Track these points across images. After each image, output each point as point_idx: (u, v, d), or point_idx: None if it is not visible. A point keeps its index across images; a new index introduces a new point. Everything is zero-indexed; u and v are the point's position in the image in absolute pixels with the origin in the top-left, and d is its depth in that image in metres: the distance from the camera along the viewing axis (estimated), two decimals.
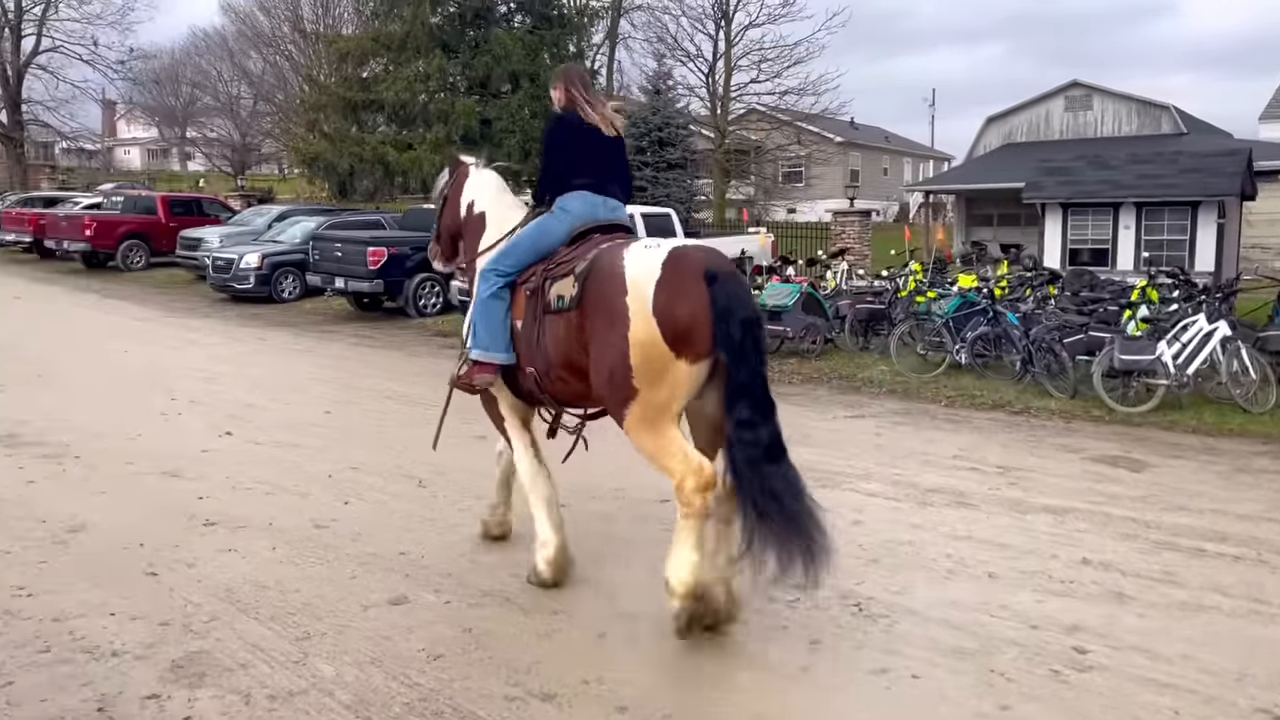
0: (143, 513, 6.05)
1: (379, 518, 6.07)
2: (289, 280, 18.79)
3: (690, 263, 4.06)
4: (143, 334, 14.20)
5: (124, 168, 67.04)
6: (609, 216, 4.65)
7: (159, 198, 25.38)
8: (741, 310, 4.00)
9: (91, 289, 20.24)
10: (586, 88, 4.78)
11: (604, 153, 4.69)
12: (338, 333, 14.99)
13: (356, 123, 25.41)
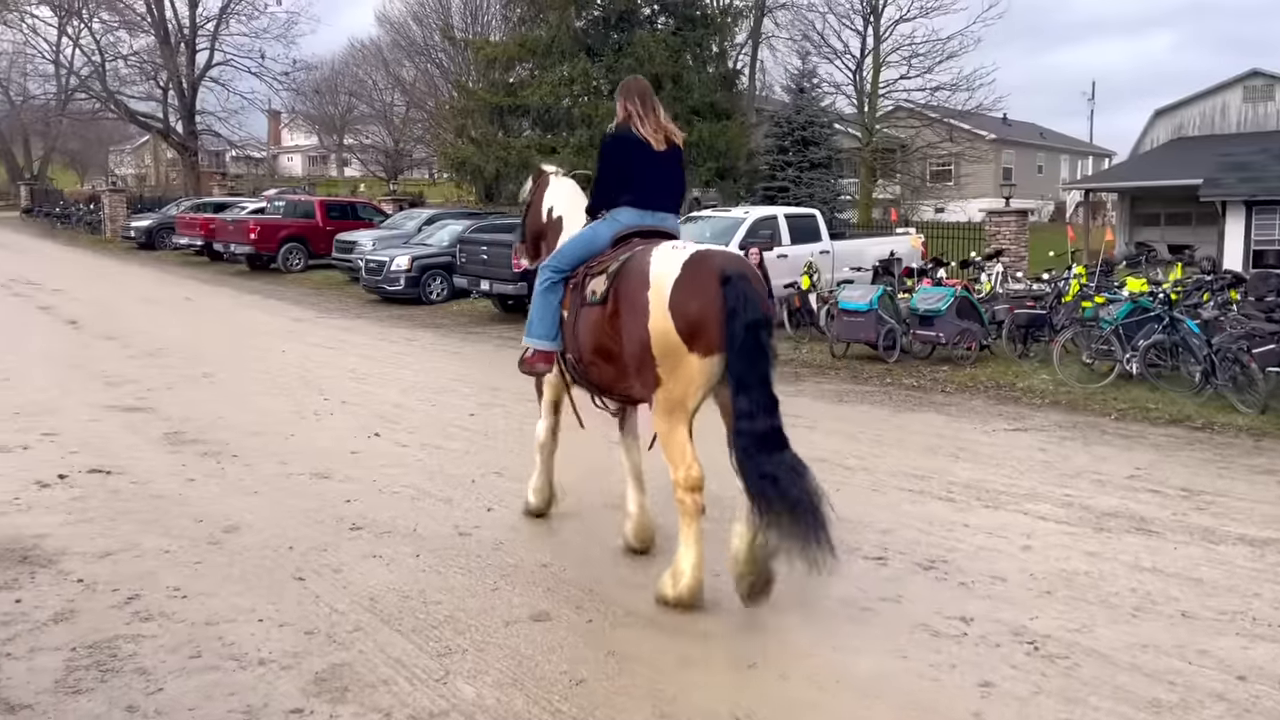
0: (293, 514, 6.12)
1: (522, 525, 5.96)
2: (437, 282, 19.14)
3: (708, 265, 4.43)
4: (300, 334, 14.67)
5: (287, 174, 70.58)
6: (654, 224, 5.06)
7: (316, 202, 26.38)
8: (749, 312, 4.33)
9: (254, 290, 21.17)
10: (644, 102, 5.11)
11: (653, 167, 5.05)
12: (483, 334, 15.15)
13: (503, 127, 25.77)
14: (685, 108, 25.29)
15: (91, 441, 7.92)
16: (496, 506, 6.36)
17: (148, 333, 14.33)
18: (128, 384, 10.44)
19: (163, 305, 18.04)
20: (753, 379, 4.34)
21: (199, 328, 15.11)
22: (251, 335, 14.38)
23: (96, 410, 9.13)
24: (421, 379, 11.00)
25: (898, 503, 6.53)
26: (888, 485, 6.95)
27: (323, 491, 6.60)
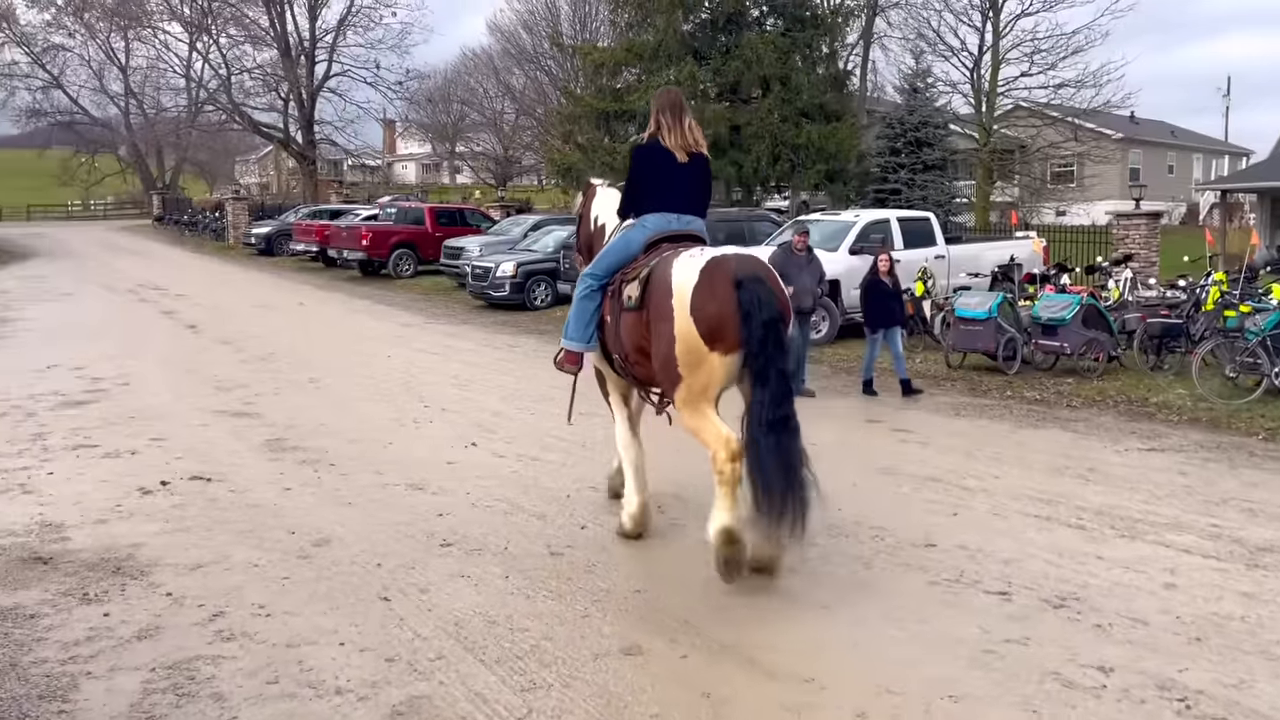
0: (385, 528, 5.99)
1: (616, 547, 5.70)
2: (541, 288, 19.10)
3: (722, 271, 4.90)
4: (406, 339, 14.78)
5: (401, 181, 72.42)
6: (681, 228, 5.52)
7: (426, 209, 26.74)
8: (762, 312, 4.80)
9: (365, 295, 21.54)
10: (673, 114, 5.56)
11: (678, 176, 5.53)
12: None
13: (609, 132, 25.68)
14: (794, 110, 24.79)
15: (197, 447, 8.03)
16: (591, 524, 6.12)
17: (261, 337, 14.65)
18: (237, 389, 10.62)
19: (277, 310, 18.49)
20: (769, 373, 4.80)
21: (309, 333, 15.37)
22: (359, 340, 14.55)
23: (205, 415, 9.28)
24: (522, 386, 10.88)
25: (1021, 529, 6.05)
26: (1009, 509, 6.47)
27: (416, 504, 6.49)
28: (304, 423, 8.95)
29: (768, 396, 4.77)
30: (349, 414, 9.37)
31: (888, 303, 10.68)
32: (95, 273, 26.64)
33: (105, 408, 9.60)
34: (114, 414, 9.29)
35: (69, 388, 10.64)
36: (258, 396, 10.19)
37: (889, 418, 9.57)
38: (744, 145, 24.65)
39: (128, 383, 10.95)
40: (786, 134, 24.45)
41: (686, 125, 5.58)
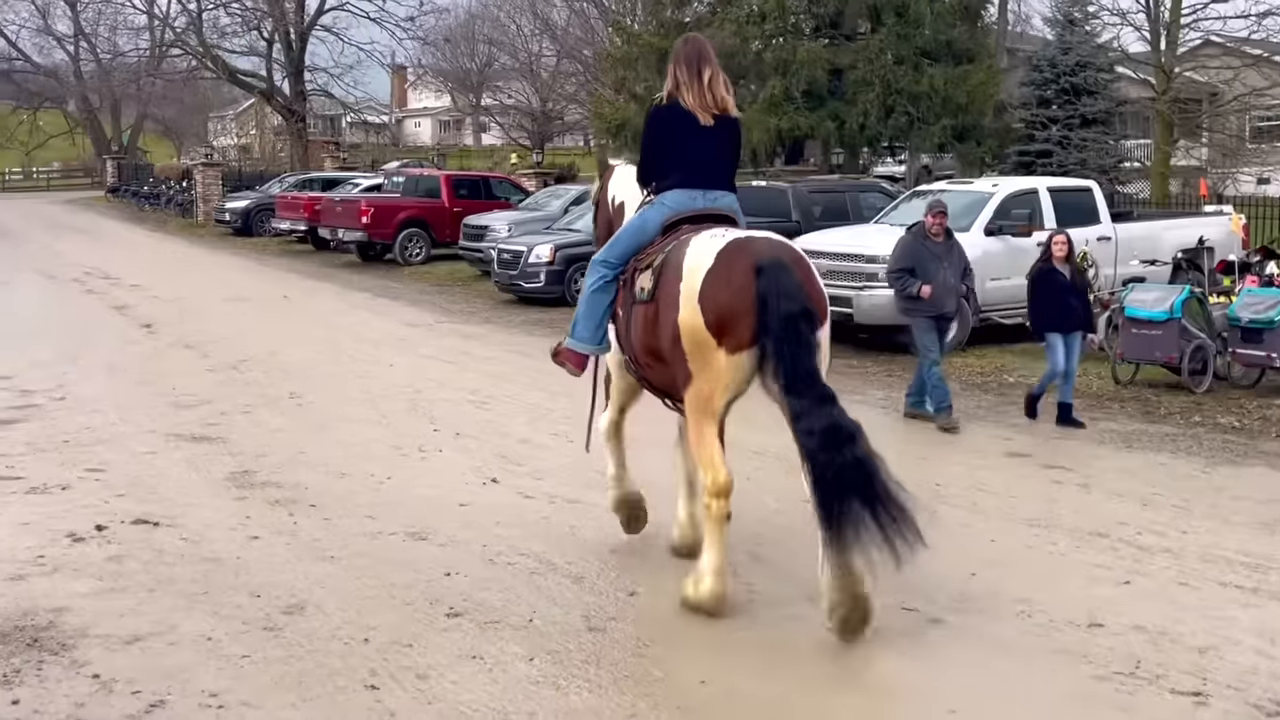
0: (375, 591, 5.91)
1: (676, 623, 5.54)
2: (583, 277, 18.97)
3: (743, 254, 5.13)
4: (413, 343, 14.82)
5: (414, 142, 73.27)
6: (707, 206, 5.73)
7: (442, 178, 26.95)
8: (784, 303, 4.98)
9: (363, 287, 21.71)
10: (693, 69, 5.73)
11: (700, 142, 5.71)
12: None
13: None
14: (912, 48, 24.53)
15: (143, 481, 8.06)
16: (642, 589, 5.97)
17: (231, 340, 14.79)
18: (199, 405, 10.70)
19: (254, 305, 18.68)
20: (798, 376, 5.01)
21: (293, 334, 15.50)
22: (355, 344, 14.63)
23: (156, 440, 9.34)
24: (558, 405, 10.76)
25: (1220, 605, 5.82)
26: (1203, 577, 6.24)
27: (417, 559, 6.41)
28: (278, 451, 8.96)
29: (809, 404, 4.99)
30: (336, 440, 9.37)
31: (1064, 299, 10.13)
32: (33, 257, 27.17)
33: (34, 429, 9.68)
34: (44, 437, 9.37)
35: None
36: (223, 416, 10.24)
37: (1038, 451, 9.31)
38: (847, 94, 24.50)
39: (64, 397, 11.07)
40: (902, 79, 24.24)
41: (707, 81, 5.78)
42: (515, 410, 10.63)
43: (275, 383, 11.89)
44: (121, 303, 18.72)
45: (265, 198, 33.28)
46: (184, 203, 39.81)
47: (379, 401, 10.95)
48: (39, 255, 27.79)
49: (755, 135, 23.51)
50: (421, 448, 9.12)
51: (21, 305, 18.53)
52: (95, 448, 9.02)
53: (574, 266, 18.95)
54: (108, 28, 56.75)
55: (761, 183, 18.62)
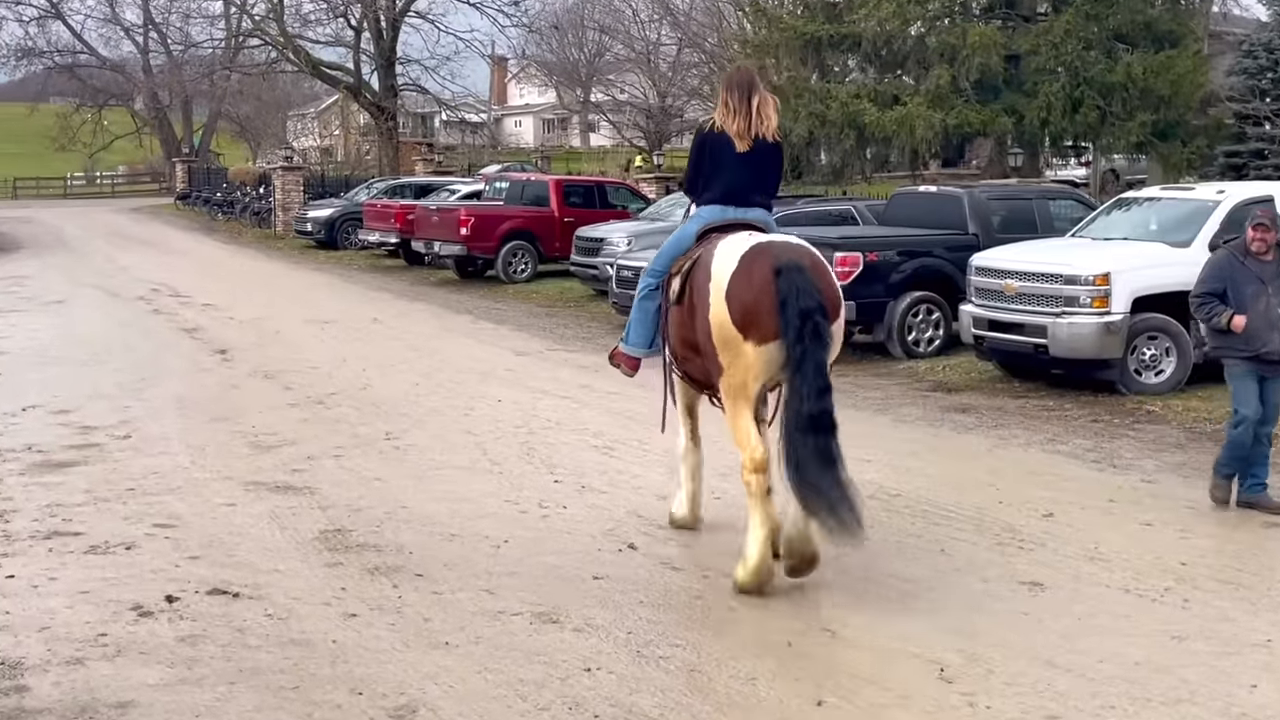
0: (501, 690, 5.54)
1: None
2: None
3: (763, 257, 6.49)
4: (522, 374, 14.55)
5: (514, 144, 73.80)
6: (736, 217, 7.18)
7: (551, 183, 26.82)
8: (801, 300, 6.31)
9: (463, 308, 21.63)
10: (740, 96, 7.16)
11: (735, 165, 7.19)
12: None
13: (819, 68, 25.35)
14: (1104, 31, 23.82)
15: (220, 540, 7.84)
16: (832, 698, 5.46)
17: (317, 369, 14.71)
18: (282, 447, 10.54)
19: (340, 328, 18.64)
20: (807, 364, 6.38)
21: (385, 362, 15.38)
22: (456, 375, 14.43)
23: (234, 489, 9.15)
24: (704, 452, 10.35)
25: None
26: None
27: (548, 648, 6.05)
28: (375, 504, 8.71)
29: (805, 390, 6.39)
30: (441, 492, 9.11)
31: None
32: (94, 271, 27.71)
33: (95, 473, 9.56)
34: (106, 484, 9.23)
35: (48, 441, 10.71)
36: (310, 461, 10.04)
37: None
38: (1025, 85, 23.85)
39: (128, 435, 11.00)
40: (1092, 67, 23.54)
41: (755, 107, 7.16)
42: (648, 458, 10.23)
43: (368, 420, 11.71)
44: (192, 325, 18.84)
45: (351, 206, 33.55)
46: (260, 211, 40.40)
47: (488, 444, 10.70)
48: (101, 269, 28.33)
49: (918, 132, 22.97)
50: (542, 503, 8.81)
51: (81, 327, 18.72)
52: (164, 498, 8.85)
53: None
54: (180, 16, 58.37)
55: (931, 188, 18.03)
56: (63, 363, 15.09)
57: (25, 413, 11.96)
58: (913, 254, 15.47)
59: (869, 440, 10.94)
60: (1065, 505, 8.64)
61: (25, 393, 12.97)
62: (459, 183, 33.60)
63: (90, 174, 76.66)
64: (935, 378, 14.30)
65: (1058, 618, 6.44)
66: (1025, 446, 10.68)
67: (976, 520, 8.26)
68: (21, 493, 8.96)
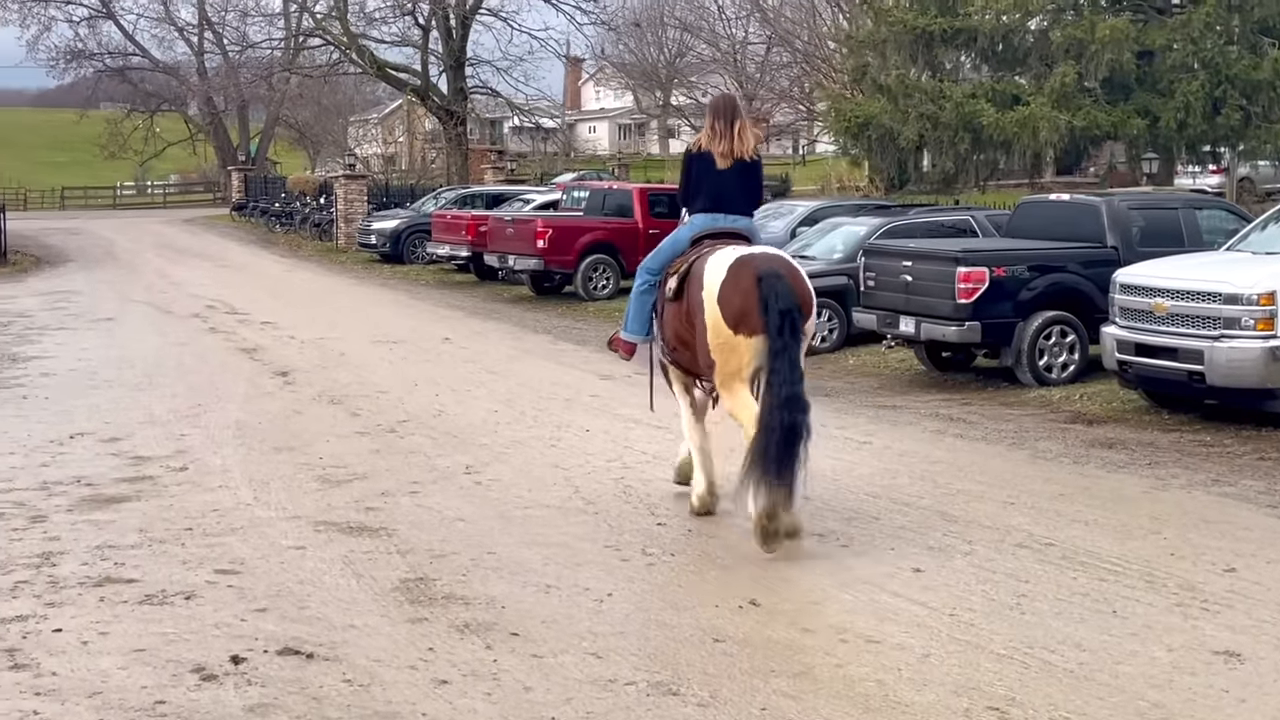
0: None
1: None
2: (822, 319, 18.25)
3: (747, 267, 8.36)
4: (609, 402, 14.25)
5: (588, 151, 73.85)
6: (726, 226, 9.03)
7: (635, 192, 26.56)
8: (781, 302, 8.14)
9: (541, 327, 21.46)
10: (724, 120, 9.01)
11: (720, 180, 9.00)
12: (910, 409, 14.00)
13: (929, 66, 24.91)
14: (1248, 23, 23.15)
15: (289, 589, 7.55)
16: None
17: (386, 393, 14.56)
18: (353, 482, 10.33)
19: (409, 349, 18.51)
20: (785, 355, 8.09)
21: (460, 386, 15.19)
22: (538, 401, 14.18)
23: (302, 529, 8.90)
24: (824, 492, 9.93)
25: None
26: None
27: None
28: (460, 549, 8.39)
29: (783, 375, 8.06)
30: (531, 535, 8.79)
31: None
32: (146, 286, 27.92)
33: (149, 510, 9.37)
34: (162, 522, 9.02)
35: (98, 473, 10.57)
36: (384, 498, 9.78)
37: None
38: (1160, 84, 23.23)
39: (185, 467, 10.85)
40: (1235, 64, 22.93)
41: (736, 131, 8.97)
42: None
43: (445, 452, 11.47)
44: (251, 344, 18.79)
45: (418, 217, 33.51)
46: (321, 223, 40.57)
47: (579, 481, 10.39)
48: (153, 284, 28.54)
49: (1042, 134, 22.42)
50: (646, 549, 8.45)
51: (132, 346, 18.70)
52: (225, 539, 8.59)
53: None
54: (237, 15, 58.88)
55: (1064, 196, 17.49)
56: (113, 386, 15.05)
57: (73, 440, 11.87)
58: (1044, 269, 14.94)
59: (1007, 479, 10.49)
60: (1248, 558, 8.07)
61: (73, 418, 12.92)
62: (533, 192, 33.48)
63: (140, 183, 77.91)
64: (1072, 408, 13.75)
65: (1264, 695, 5.90)
66: (1187, 488, 10.10)
67: (1147, 575, 7.73)
68: (69, 532, 8.75)
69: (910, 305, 15.46)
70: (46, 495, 9.79)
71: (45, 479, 10.31)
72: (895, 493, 9.99)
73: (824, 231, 20.38)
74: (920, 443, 12.22)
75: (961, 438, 12.38)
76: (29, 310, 23.49)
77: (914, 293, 15.45)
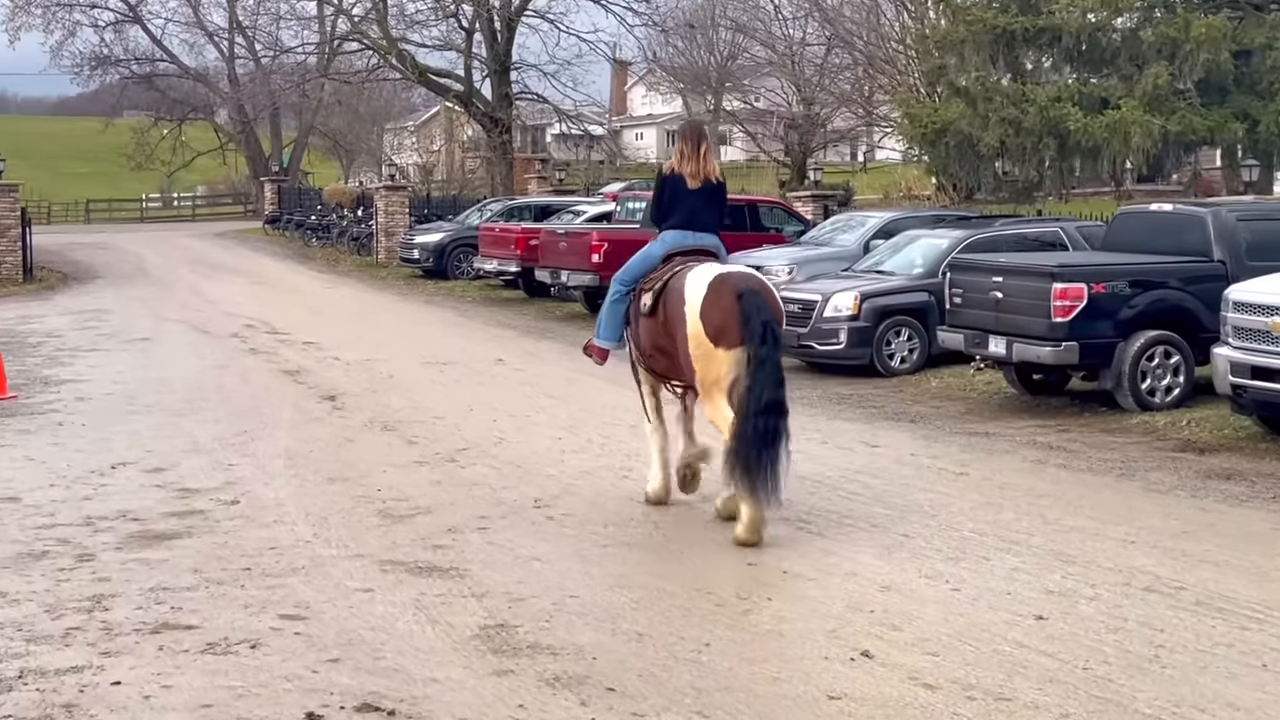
0: None
1: None
2: (902, 338, 18.09)
3: (727, 285, 9.54)
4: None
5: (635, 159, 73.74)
6: (695, 244, 10.25)
7: None
8: (760, 314, 9.34)
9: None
10: (692, 144, 10.38)
11: (690, 200, 10.27)
12: (1004, 436, 13.77)
13: (1010, 68, 24.65)
14: None
15: (361, 637, 7.35)
16: None
17: (442, 419, 14.49)
18: (416, 516, 10.18)
19: (461, 371, 18.43)
20: (766, 364, 9.21)
21: (518, 412, 15.10)
22: (603, 428, 14.07)
23: (368, 569, 8.72)
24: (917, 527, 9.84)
25: None
26: None
27: None
28: (539, 592, 8.19)
29: (765, 382, 9.11)
30: (614, 577, 8.59)
31: None
32: (181, 305, 28.03)
33: (203, 548, 9.23)
34: (218, 561, 8.88)
35: (144, 506, 10.48)
36: (452, 535, 9.61)
37: None
38: (1258, 84, 22.87)
39: (236, 500, 10.73)
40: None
41: (703, 154, 10.25)
42: (856, 533, 9.66)
43: (510, 483, 11.32)
44: (294, 366, 18.80)
45: (463, 230, 33.51)
46: (360, 236, 40.60)
47: (657, 515, 10.25)
48: (187, 302, 28.65)
49: (1134, 139, 22.10)
50: (740, 593, 8.22)
51: (170, 368, 18.69)
52: (287, 581, 8.40)
53: (887, 323, 18.05)
54: (270, 19, 59.10)
55: (1166, 206, 17.18)
56: (153, 411, 15.00)
57: (115, 471, 11.79)
58: (1146, 285, 14.67)
59: (1122, 515, 10.23)
60: None
61: (113, 447, 12.86)
62: (584, 203, 33.33)
63: (167, 195, 78.30)
64: (1180, 435, 13.45)
65: None
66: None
67: None
68: (120, 572, 8.59)
69: (1001, 324, 15.27)
70: (92, 531, 9.67)
71: (89, 513, 10.20)
72: (1001, 529, 9.74)
73: (901, 245, 20.19)
74: (1021, 474, 11.96)
75: (1065, 468, 12.12)
76: (59, 330, 23.55)
77: (1005, 310, 15.24)
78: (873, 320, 18.09)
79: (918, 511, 10.34)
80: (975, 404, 16.00)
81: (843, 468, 12.06)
